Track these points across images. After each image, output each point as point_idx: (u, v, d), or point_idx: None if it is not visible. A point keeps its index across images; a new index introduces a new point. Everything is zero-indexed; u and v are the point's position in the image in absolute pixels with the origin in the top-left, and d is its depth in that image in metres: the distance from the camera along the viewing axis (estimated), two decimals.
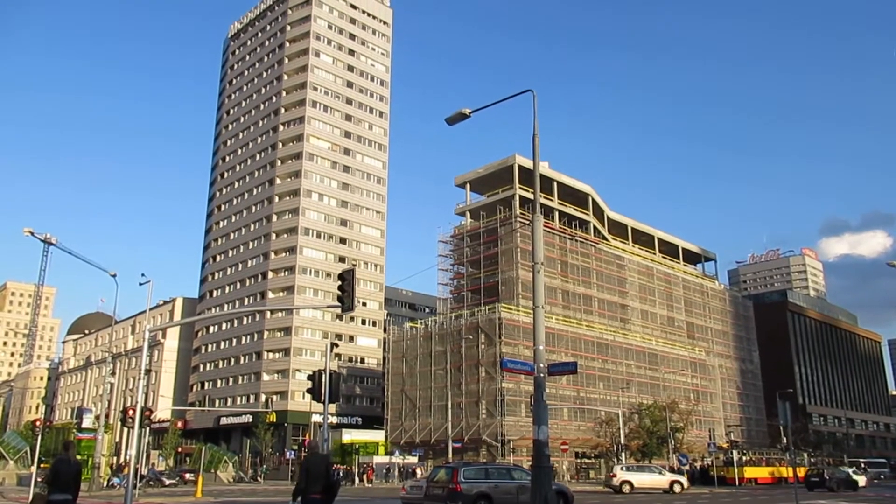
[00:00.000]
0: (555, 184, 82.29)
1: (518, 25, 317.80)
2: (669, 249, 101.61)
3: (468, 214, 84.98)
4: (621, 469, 45.04)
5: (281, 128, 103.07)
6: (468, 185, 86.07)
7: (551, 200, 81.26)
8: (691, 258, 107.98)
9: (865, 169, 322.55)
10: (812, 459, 63.19)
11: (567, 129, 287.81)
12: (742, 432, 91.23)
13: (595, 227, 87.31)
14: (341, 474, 59.33)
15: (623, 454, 58.19)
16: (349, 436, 77.81)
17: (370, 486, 59.37)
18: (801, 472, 51.91)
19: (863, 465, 69.00)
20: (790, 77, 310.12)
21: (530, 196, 74.60)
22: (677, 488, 43.19)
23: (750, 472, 55.99)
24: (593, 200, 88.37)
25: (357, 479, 61.97)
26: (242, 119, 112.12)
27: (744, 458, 57.84)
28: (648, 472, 45.13)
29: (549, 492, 14.34)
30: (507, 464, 41.99)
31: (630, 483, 42.46)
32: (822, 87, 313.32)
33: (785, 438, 50.18)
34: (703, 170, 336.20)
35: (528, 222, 73.04)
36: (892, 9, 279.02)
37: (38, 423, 42.51)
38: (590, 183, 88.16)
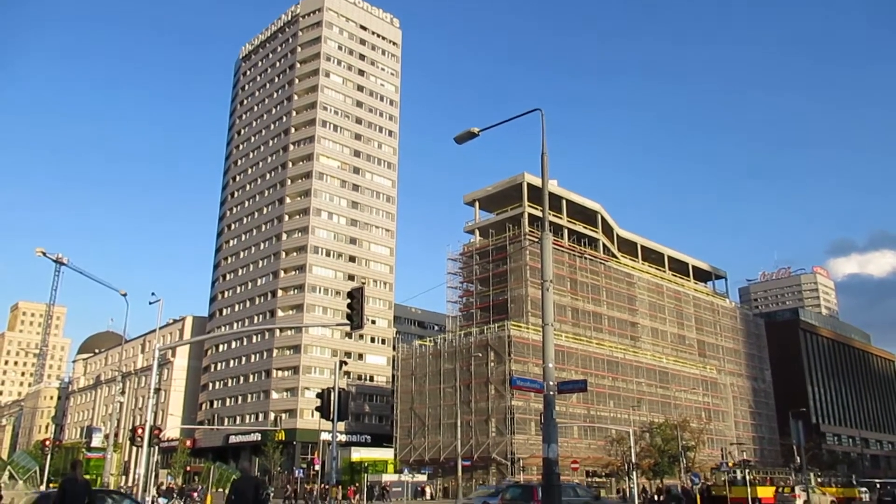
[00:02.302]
0: (564, 202, 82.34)
1: (526, 46, 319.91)
2: (679, 267, 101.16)
3: (477, 232, 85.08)
4: (802, 489, 44.85)
5: (291, 147, 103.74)
6: (477, 203, 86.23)
7: (560, 218, 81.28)
8: (701, 276, 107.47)
9: (870, 189, 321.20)
10: (819, 479, 61.97)
11: (576, 148, 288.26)
12: (755, 451, 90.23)
13: (604, 245, 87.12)
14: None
15: (634, 473, 57.56)
16: (358, 454, 77.41)
17: None
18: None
19: (877, 486, 67.80)
20: (797, 99, 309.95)
21: (539, 214, 74.40)
22: None
23: (759, 491, 54.61)
24: (602, 218, 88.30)
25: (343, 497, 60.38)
26: (253, 139, 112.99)
27: (745, 476, 55.97)
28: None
29: None
30: (568, 482, 41.24)
31: None
32: (826, 108, 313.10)
33: (798, 458, 49.38)
34: (711, 189, 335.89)
35: (537, 240, 72.93)
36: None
37: (47, 443, 42.68)
38: (599, 201, 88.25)
